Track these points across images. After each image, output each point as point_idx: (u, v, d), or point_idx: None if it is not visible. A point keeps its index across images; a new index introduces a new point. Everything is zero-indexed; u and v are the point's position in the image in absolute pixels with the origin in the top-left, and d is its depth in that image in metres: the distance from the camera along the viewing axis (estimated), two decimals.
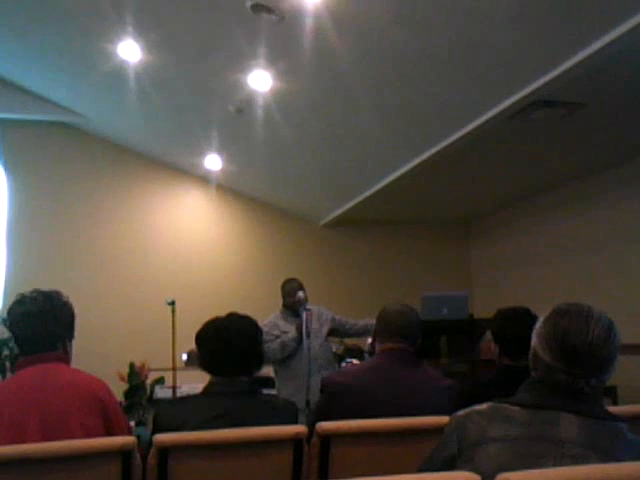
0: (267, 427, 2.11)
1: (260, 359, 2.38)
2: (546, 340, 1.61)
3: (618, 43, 3.74)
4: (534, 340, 1.66)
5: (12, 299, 2.30)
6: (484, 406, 1.61)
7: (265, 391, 2.49)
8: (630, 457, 1.46)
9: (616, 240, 6.50)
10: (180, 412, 2.19)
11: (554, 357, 1.58)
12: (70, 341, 2.30)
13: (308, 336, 4.63)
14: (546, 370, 1.59)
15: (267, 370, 5.90)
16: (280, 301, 5.00)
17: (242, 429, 2.08)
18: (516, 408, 1.56)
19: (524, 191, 7.48)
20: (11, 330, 2.27)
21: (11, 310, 2.24)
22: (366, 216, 8.44)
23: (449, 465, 1.57)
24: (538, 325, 1.67)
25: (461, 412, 1.64)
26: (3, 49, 6.38)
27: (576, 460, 1.43)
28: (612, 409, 2.16)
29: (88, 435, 2.04)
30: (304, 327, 4.60)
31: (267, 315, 7.70)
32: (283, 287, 4.96)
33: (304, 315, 4.67)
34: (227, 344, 2.26)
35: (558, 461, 1.43)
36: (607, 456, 1.44)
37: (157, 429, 2.16)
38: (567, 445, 1.46)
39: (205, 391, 2.29)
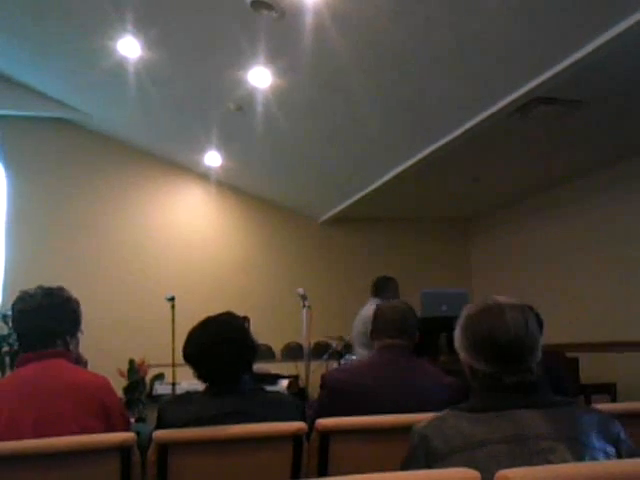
0: (266, 424, 2.11)
1: (254, 351, 2.35)
2: (474, 350, 1.58)
3: (617, 41, 3.74)
4: (462, 355, 1.63)
5: (11, 295, 2.29)
6: (442, 414, 1.59)
7: (267, 387, 2.47)
8: (593, 435, 1.45)
9: (616, 238, 6.50)
10: (185, 409, 2.18)
11: (489, 363, 1.56)
12: (73, 337, 2.28)
13: None
14: (487, 378, 1.57)
15: (268, 367, 5.92)
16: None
17: (241, 425, 2.08)
18: (474, 413, 1.53)
19: (524, 189, 7.47)
20: (13, 326, 2.26)
21: (13, 306, 2.23)
22: (365, 213, 8.44)
23: None
24: (458, 338, 1.63)
25: (422, 423, 1.60)
26: (4, 46, 6.37)
27: (546, 453, 1.42)
28: (610, 406, 2.16)
29: None
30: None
31: (266, 310, 7.72)
32: (388, 283, 5.13)
33: (304, 312, 4.70)
34: (219, 357, 2.21)
35: (528, 459, 1.42)
36: (573, 442, 1.44)
37: (161, 425, 2.15)
38: (532, 441, 1.45)
39: (209, 388, 2.28)
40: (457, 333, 1.64)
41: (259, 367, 2.63)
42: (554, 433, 1.46)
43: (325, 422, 2.17)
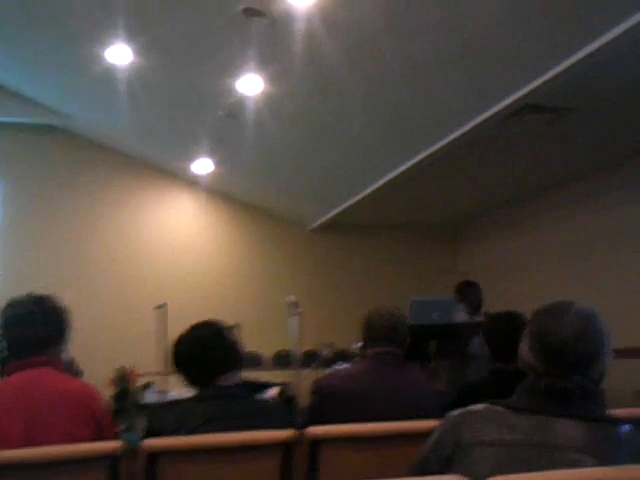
0: (256, 432, 2.10)
1: (240, 356, 2.37)
2: (529, 342, 1.60)
3: (607, 49, 3.77)
4: (522, 344, 1.65)
5: (1, 303, 2.28)
6: (479, 407, 1.58)
7: (257, 395, 2.48)
8: (627, 460, 1.43)
9: (605, 243, 6.52)
10: (174, 416, 2.18)
11: (536, 358, 1.57)
12: (62, 345, 2.27)
13: None
14: (533, 373, 1.58)
15: (257, 374, 5.90)
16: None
17: (231, 434, 2.07)
18: (510, 411, 1.53)
19: (513, 195, 7.50)
20: (2, 334, 2.25)
21: (2, 314, 2.22)
22: (355, 220, 8.45)
23: (444, 465, 1.54)
24: (525, 331, 1.66)
25: (456, 412, 1.60)
26: None
27: (571, 465, 1.40)
28: None
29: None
30: None
31: (256, 318, 7.69)
32: (468, 288, 5.31)
33: (295, 320, 4.69)
34: (205, 362, 2.24)
35: (553, 467, 1.40)
36: (603, 460, 1.41)
37: (151, 433, 2.14)
38: (562, 451, 1.43)
39: (198, 395, 2.28)
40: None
41: (248, 375, 2.62)
42: (586, 446, 1.43)
43: (315, 430, 2.16)
